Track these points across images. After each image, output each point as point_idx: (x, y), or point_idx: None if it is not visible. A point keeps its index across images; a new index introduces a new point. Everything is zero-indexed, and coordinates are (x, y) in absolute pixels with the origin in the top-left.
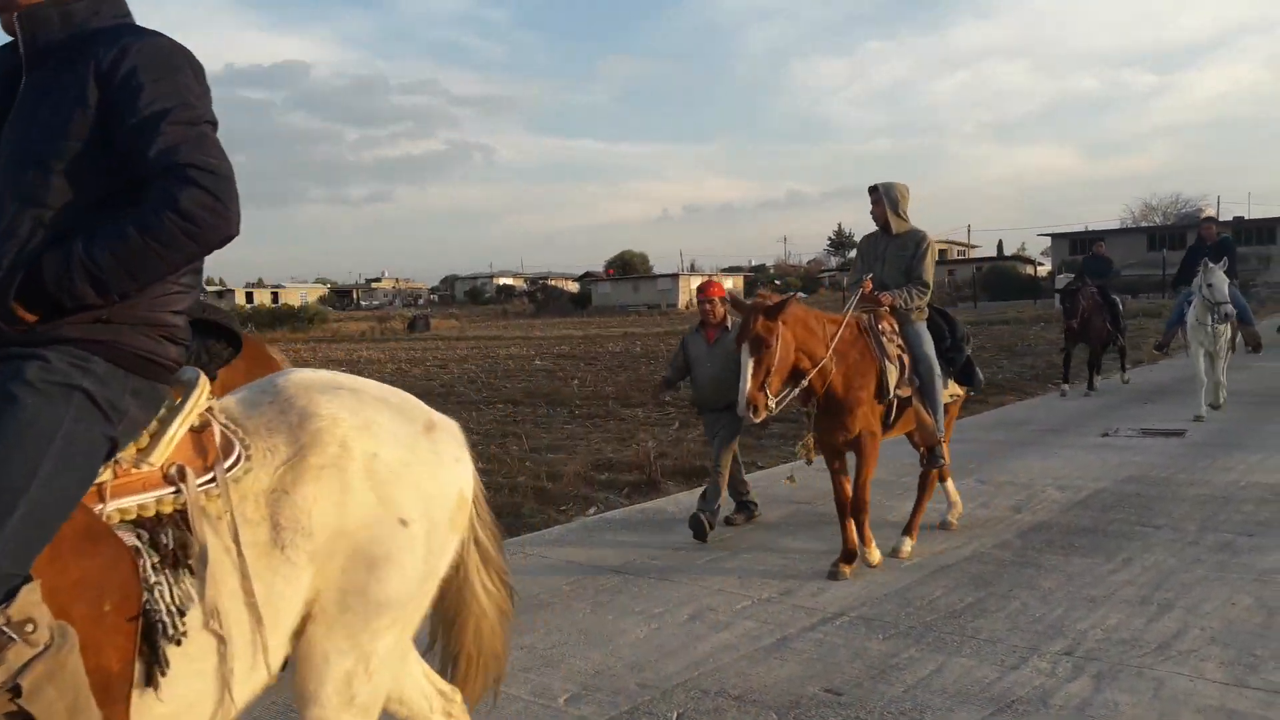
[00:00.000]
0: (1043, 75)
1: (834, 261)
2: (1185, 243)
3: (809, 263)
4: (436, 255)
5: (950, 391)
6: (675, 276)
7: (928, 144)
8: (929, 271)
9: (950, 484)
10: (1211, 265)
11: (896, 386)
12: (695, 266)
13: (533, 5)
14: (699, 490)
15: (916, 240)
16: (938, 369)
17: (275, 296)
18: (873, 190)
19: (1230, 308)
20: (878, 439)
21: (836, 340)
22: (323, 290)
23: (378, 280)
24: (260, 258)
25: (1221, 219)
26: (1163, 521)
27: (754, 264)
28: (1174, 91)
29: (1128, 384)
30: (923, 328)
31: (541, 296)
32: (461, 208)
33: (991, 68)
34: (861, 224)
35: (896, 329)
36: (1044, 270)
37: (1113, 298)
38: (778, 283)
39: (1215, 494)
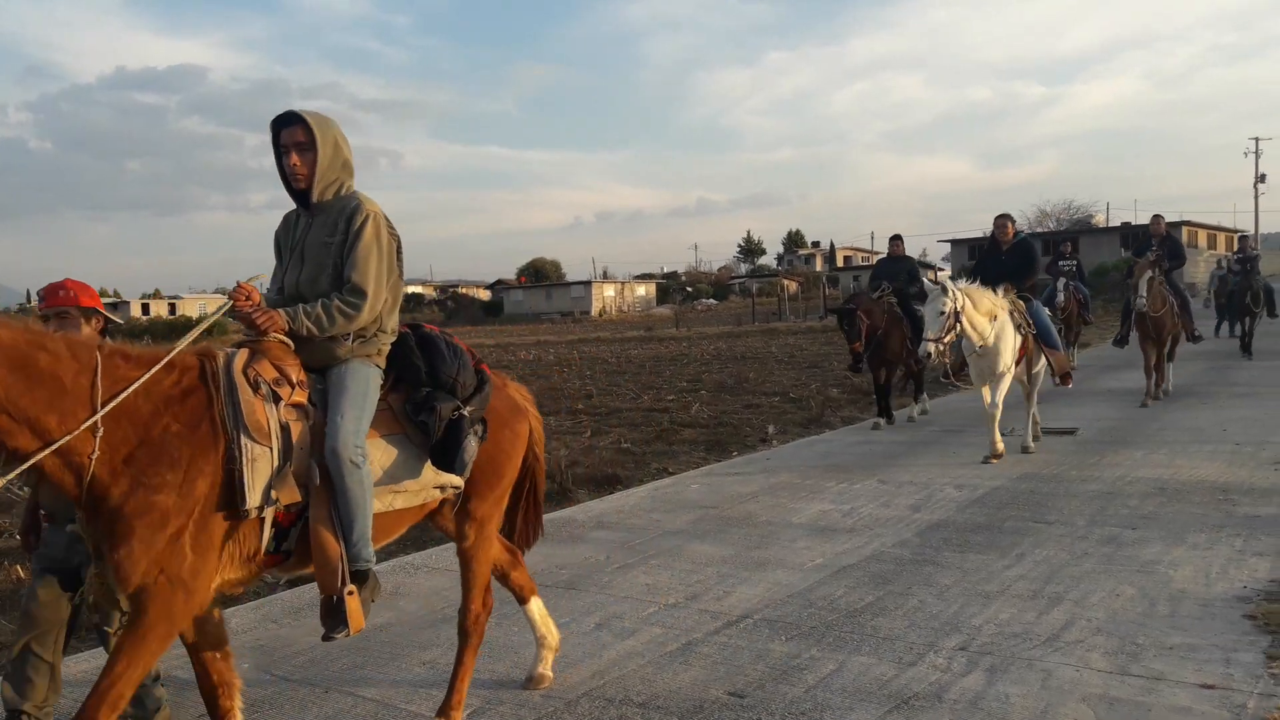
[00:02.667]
0: (939, 86)
1: (744, 268)
2: (1078, 247)
3: (720, 269)
4: None
5: (435, 482)
6: (588, 284)
7: (830, 153)
8: (364, 273)
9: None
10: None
11: (269, 491)
12: (608, 274)
13: (434, 11)
14: (610, 497)
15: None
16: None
17: (173, 308)
18: None
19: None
20: (182, 594)
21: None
22: (222, 300)
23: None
24: (156, 268)
25: (1110, 225)
26: (1054, 517)
27: (666, 270)
28: (1062, 103)
29: (923, 416)
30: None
31: (452, 305)
32: None
33: (890, 79)
34: (770, 231)
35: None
36: (944, 275)
37: (914, 308)
38: (689, 289)
39: (1103, 490)
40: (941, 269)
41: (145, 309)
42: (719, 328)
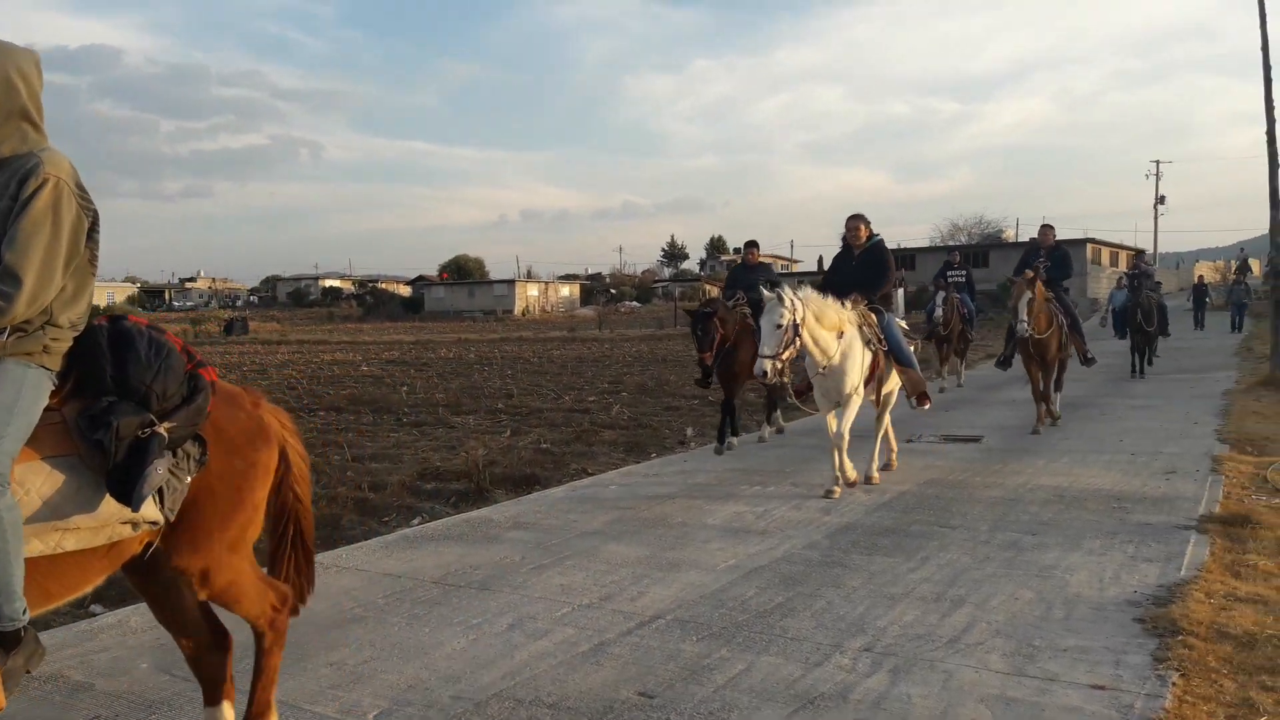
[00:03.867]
0: (858, 100)
1: (668, 272)
2: (988, 261)
3: (644, 272)
4: (257, 255)
5: (123, 517)
6: (512, 282)
7: (753, 161)
8: (24, 254)
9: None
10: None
11: None
12: (532, 273)
13: (358, 3)
14: (527, 497)
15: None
16: None
17: None
18: None
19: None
20: None
21: None
22: (132, 290)
23: (193, 280)
24: None
25: (1019, 240)
26: (958, 522)
27: (590, 272)
28: (976, 120)
29: (779, 435)
30: None
31: (371, 300)
32: (285, 206)
33: (811, 91)
34: (693, 236)
35: None
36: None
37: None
38: (613, 291)
39: (1006, 496)
40: None
41: None
42: (642, 330)
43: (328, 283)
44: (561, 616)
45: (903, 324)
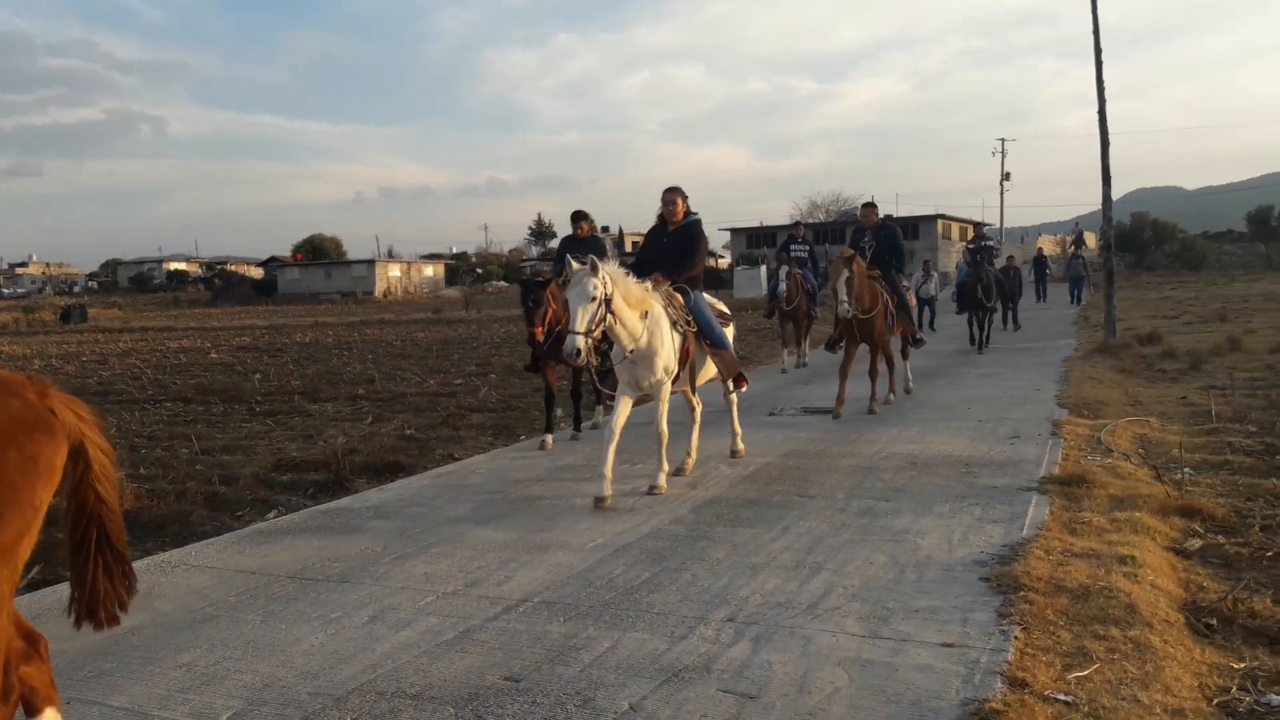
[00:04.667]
0: (718, 78)
1: (535, 251)
2: (845, 237)
3: (511, 251)
4: (96, 237)
5: None
6: (371, 262)
7: (615, 139)
8: None
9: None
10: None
11: None
12: (394, 253)
13: None
14: (390, 485)
15: None
16: None
17: None
18: None
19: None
20: None
21: None
22: None
23: (24, 265)
24: None
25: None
26: (817, 491)
27: (456, 251)
28: (832, 99)
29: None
30: None
31: (220, 283)
32: (125, 185)
33: (671, 69)
34: (560, 214)
35: None
36: (724, 263)
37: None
38: (479, 271)
39: (862, 464)
40: (721, 256)
41: None
42: (510, 310)
43: (173, 265)
44: (425, 605)
45: (717, 304)
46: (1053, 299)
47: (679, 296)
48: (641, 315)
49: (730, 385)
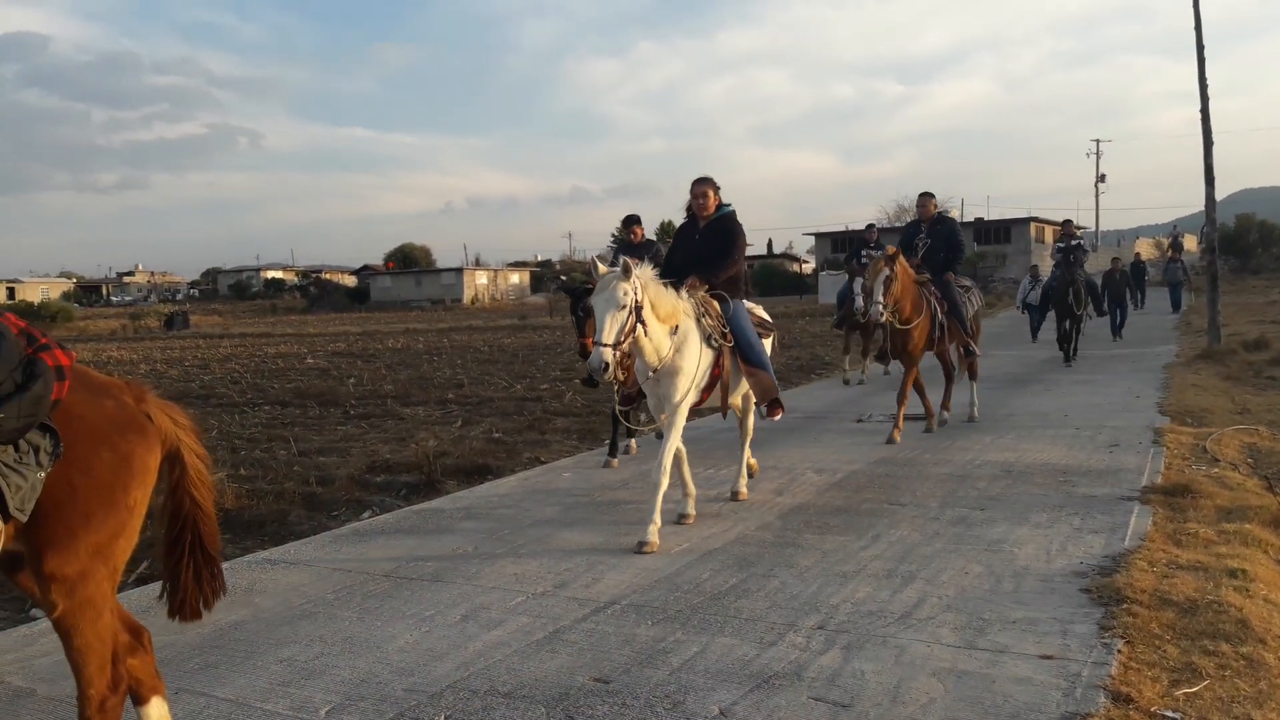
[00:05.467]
0: (803, 82)
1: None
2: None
3: (595, 258)
4: (197, 247)
5: None
6: (460, 270)
7: (700, 145)
8: None
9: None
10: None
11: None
12: (481, 260)
13: None
14: (479, 488)
15: None
16: None
17: (11, 292)
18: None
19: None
20: None
21: None
22: (68, 285)
23: (130, 274)
24: None
25: (964, 220)
26: (908, 499)
27: (540, 258)
28: (919, 102)
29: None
30: None
31: (315, 291)
32: (224, 196)
33: (757, 74)
34: (644, 222)
35: None
36: (809, 268)
37: None
38: (564, 278)
39: (955, 472)
40: (805, 261)
41: None
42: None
43: (270, 274)
44: (515, 605)
45: (757, 310)
46: (1151, 304)
47: (716, 305)
48: (671, 329)
49: (763, 410)
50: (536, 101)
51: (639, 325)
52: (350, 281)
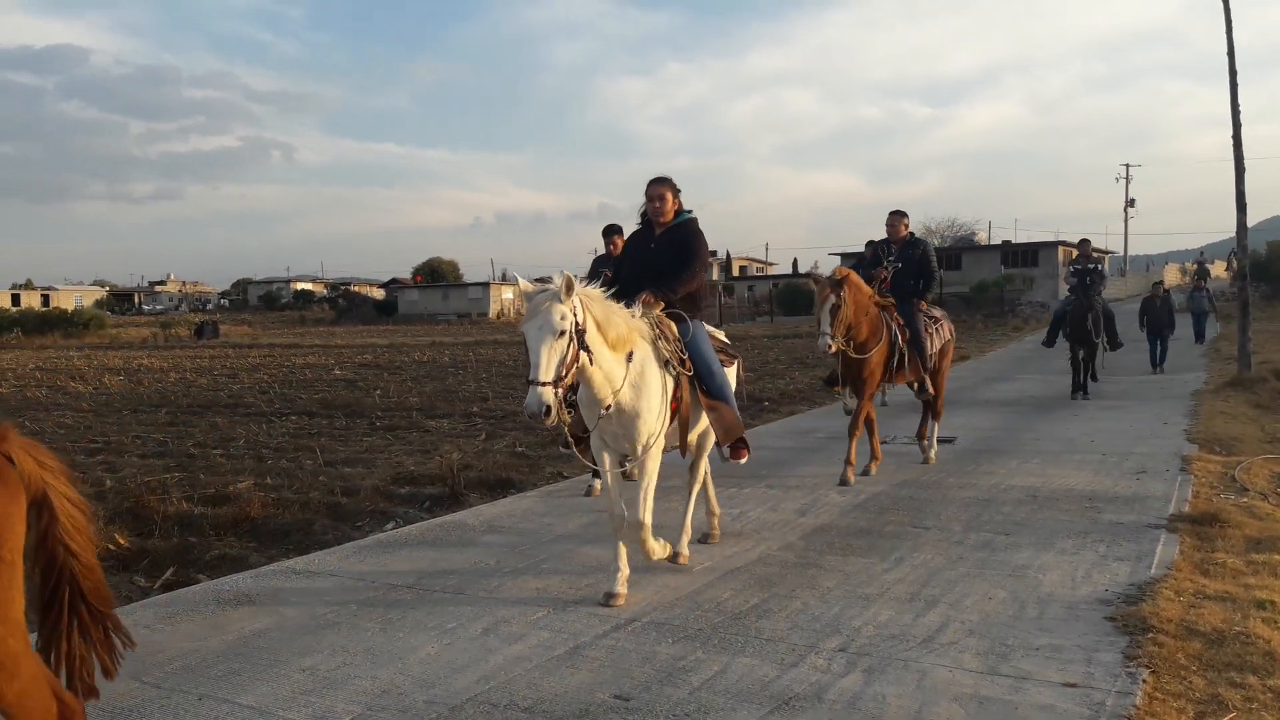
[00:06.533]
0: (830, 103)
1: None
2: (961, 264)
3: None
4: (228, 258)
5: None
6: (486, 285)
7: (726, 164)
8: None
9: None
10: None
11: None
12: (507, 276)
13: (327, 4)
14: (502, 501)
15: None
16: None
17: (46, 299)
18: None
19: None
20: None
21: None
22: (101, 293)
23: (162, 283)
24: (29, 256)
25: (991, 243)
26: (932, 523)
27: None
28: (947, 123)
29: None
30: None
31: (344, 303)
32: (256, 208)
33: (784, 93)
34: None
35: None
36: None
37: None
38: None
39: (979, 496)
40: None
41: (15, 299)
42: None
43: (299, 285)
44: (536, 620)
45: (717, 334)
46: (1178, 330)
47: (673, 326)
48: (625, 355)
49: (725, 452)
50: (566, 119)
51: (582, 353)
52: (378, 294)
